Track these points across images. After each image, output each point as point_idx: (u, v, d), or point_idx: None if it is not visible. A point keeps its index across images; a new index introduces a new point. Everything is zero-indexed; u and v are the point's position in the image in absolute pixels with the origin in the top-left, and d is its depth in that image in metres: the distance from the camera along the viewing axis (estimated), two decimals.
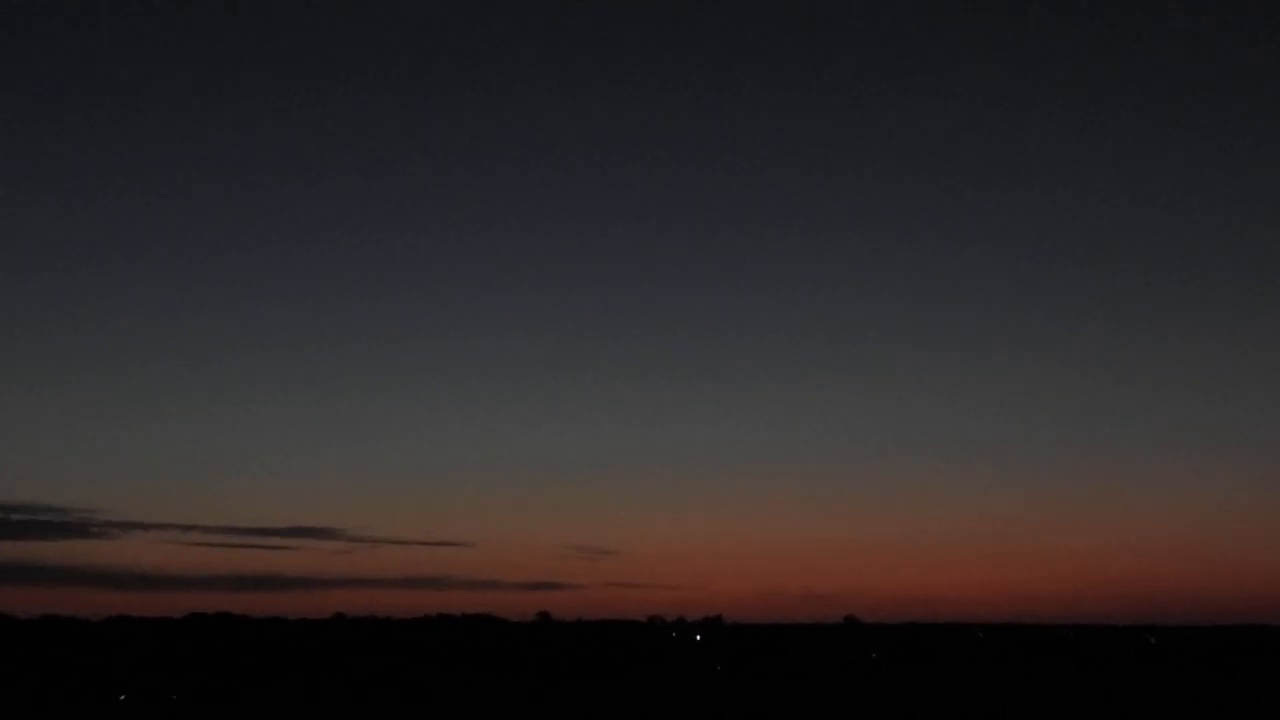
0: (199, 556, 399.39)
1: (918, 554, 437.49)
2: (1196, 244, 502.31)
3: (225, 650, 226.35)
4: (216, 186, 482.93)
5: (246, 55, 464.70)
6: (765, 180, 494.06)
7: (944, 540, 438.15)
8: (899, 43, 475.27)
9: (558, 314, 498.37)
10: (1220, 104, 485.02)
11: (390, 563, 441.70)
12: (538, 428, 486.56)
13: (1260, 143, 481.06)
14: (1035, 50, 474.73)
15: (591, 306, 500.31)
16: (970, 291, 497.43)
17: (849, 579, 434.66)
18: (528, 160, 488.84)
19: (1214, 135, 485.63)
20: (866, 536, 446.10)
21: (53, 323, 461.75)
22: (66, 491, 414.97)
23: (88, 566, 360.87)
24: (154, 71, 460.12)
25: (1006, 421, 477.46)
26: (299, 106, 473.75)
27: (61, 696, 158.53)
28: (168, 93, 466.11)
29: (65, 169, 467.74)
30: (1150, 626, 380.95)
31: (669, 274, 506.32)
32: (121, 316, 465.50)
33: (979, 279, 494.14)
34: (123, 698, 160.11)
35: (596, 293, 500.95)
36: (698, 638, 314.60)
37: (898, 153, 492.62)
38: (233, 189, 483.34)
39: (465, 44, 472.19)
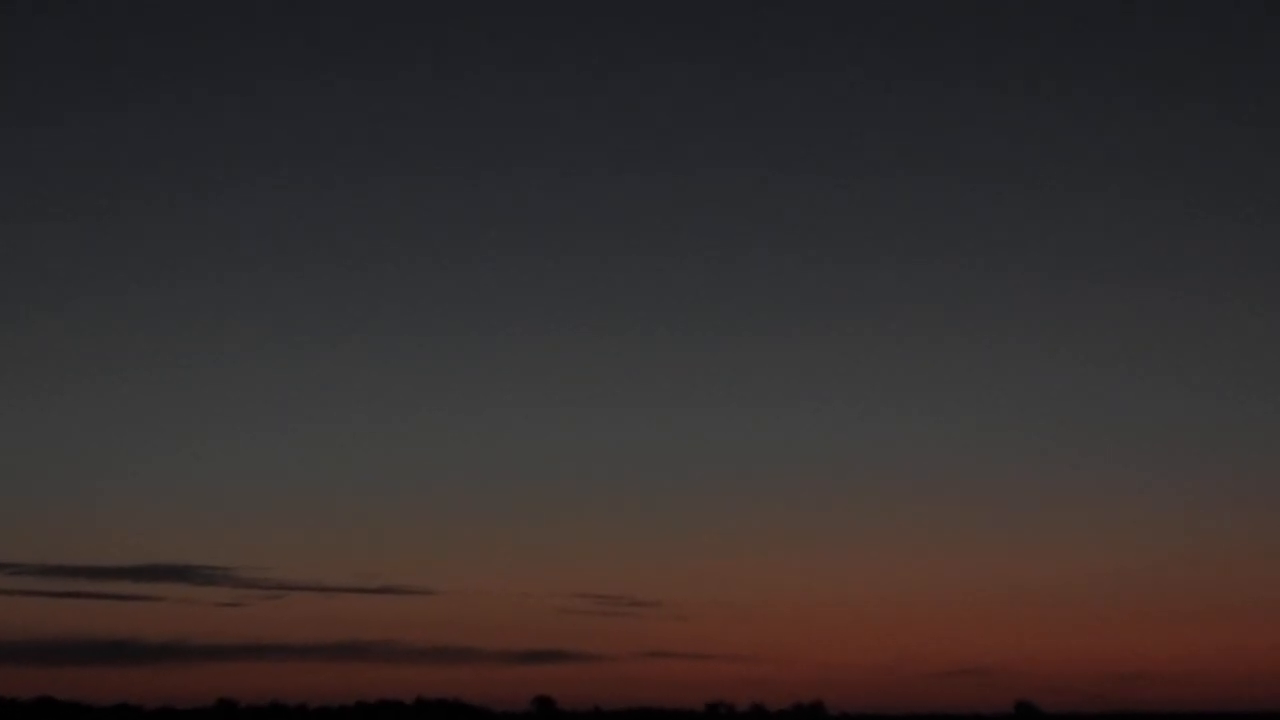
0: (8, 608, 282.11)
1: (1121, 606, 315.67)
2: None
3: None
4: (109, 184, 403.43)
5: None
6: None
7: (1157, 586, 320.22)
8: None
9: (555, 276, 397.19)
10: None
11: (304, 621, 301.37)
12: (531, 423, 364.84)
13: None
14: None
15: (600, 261, 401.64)
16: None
17: (1016, 645, 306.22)
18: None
19: None
20: (1040, 582, 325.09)
21: None
22: None
23: None
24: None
25: (1226, 421, 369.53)
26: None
27: None
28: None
29: None
30: None
31: (739, 228, 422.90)
32: None
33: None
34: None
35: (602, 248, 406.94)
36: None
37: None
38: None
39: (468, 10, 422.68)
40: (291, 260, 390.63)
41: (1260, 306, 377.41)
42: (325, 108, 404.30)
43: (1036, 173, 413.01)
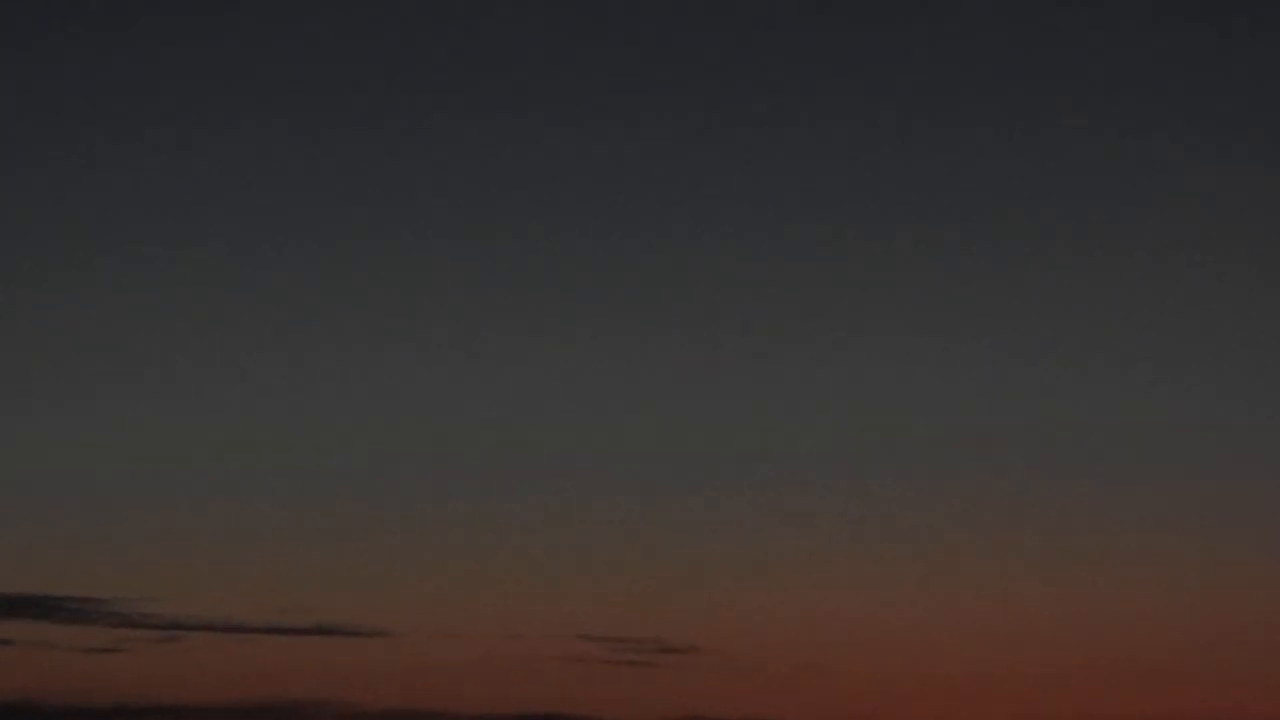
0: None
1: None
2: None
3: None
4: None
5: None
6: None
7: None
8: None
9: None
10: None
11: (208, 673, 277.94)
12: (520, 405, 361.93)
13: None
14: None
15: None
16: None
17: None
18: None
19: None
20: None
21: None
22: None
23: None
24: None
25: None
26: None
27: None
28: None
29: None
30: None
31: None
32: None
33: None
34: None
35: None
36: None
37: None
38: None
39: None
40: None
41: None
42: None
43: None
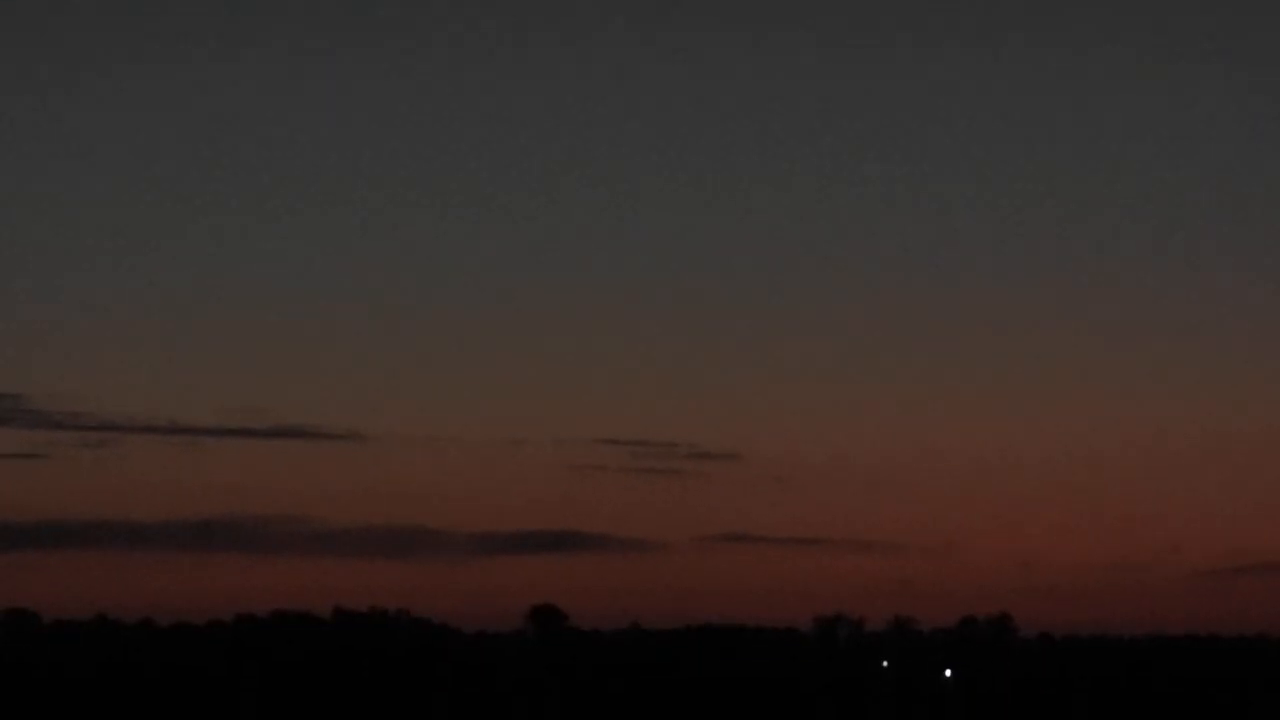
0: None
1: None
2: None
3: None
4: None
5: None
6: None
7: None
8: None
9: None
10: None
11: (149, 482, 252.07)
12: (532, 192, 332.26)
13: None
14: None
15: None
16: None
17: None
18: None
19: None
20: None
21: None
22: None
23: None
24: None
25: None
26: None
27: None
28: None
29: None
30: None
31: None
32: None
33: None
34: None
35: None
36: (946, 675, 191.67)
37: None
38: None
39: None
40: None
41: None
42: None
43: None
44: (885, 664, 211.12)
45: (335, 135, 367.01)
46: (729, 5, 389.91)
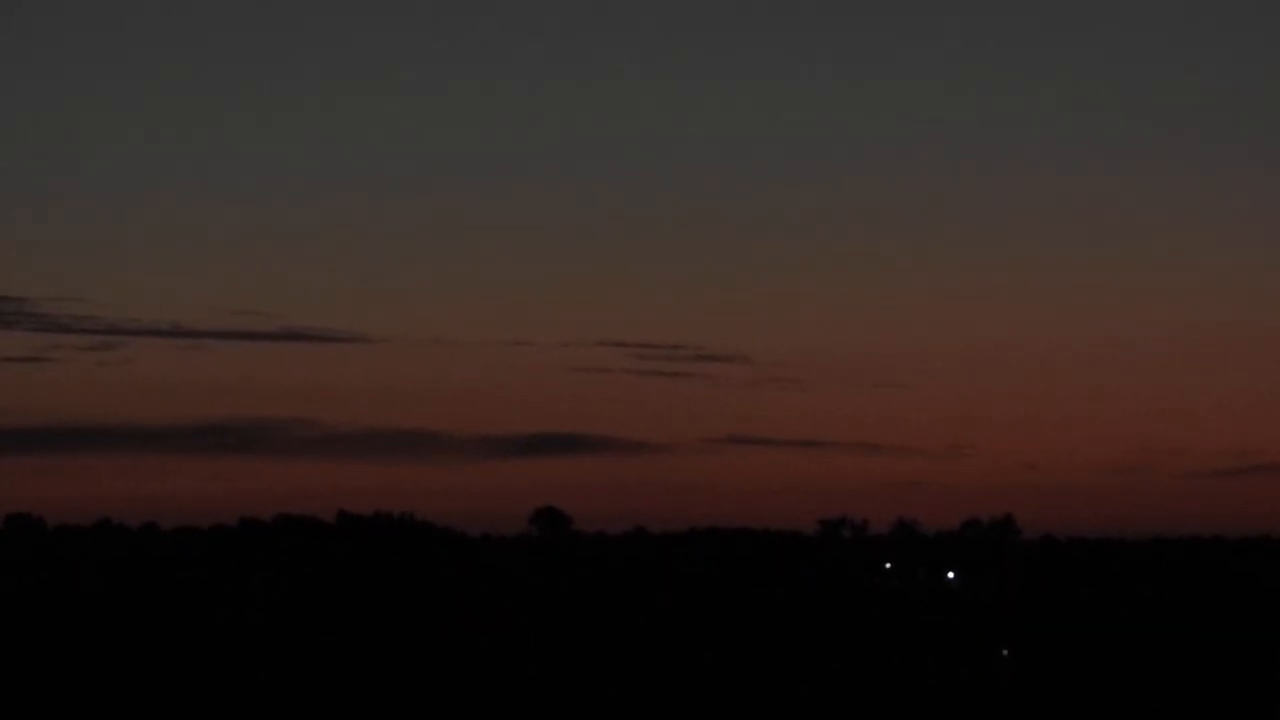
0: None
1: None
2: None
3: None
4: None
5: None
6: None
7: None
8: None
9: None
10: None
11: (154, 385, 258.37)
12: (532, 82, 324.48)
13: None
14: None
15: None
16: None
17: None
18: None
19: None
20: None
21: None
22: None
23: None
24: None
25: None
26: None
27: None
28: None
29: None
30: None
31: None
32: None
33: None
34: None
35: None
36: (949, 577, 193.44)
37: None
38: None
39: None
40: None
41: None
42: None
43: None
44: (888, 566, 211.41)
45: (336, 32, 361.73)
46: None
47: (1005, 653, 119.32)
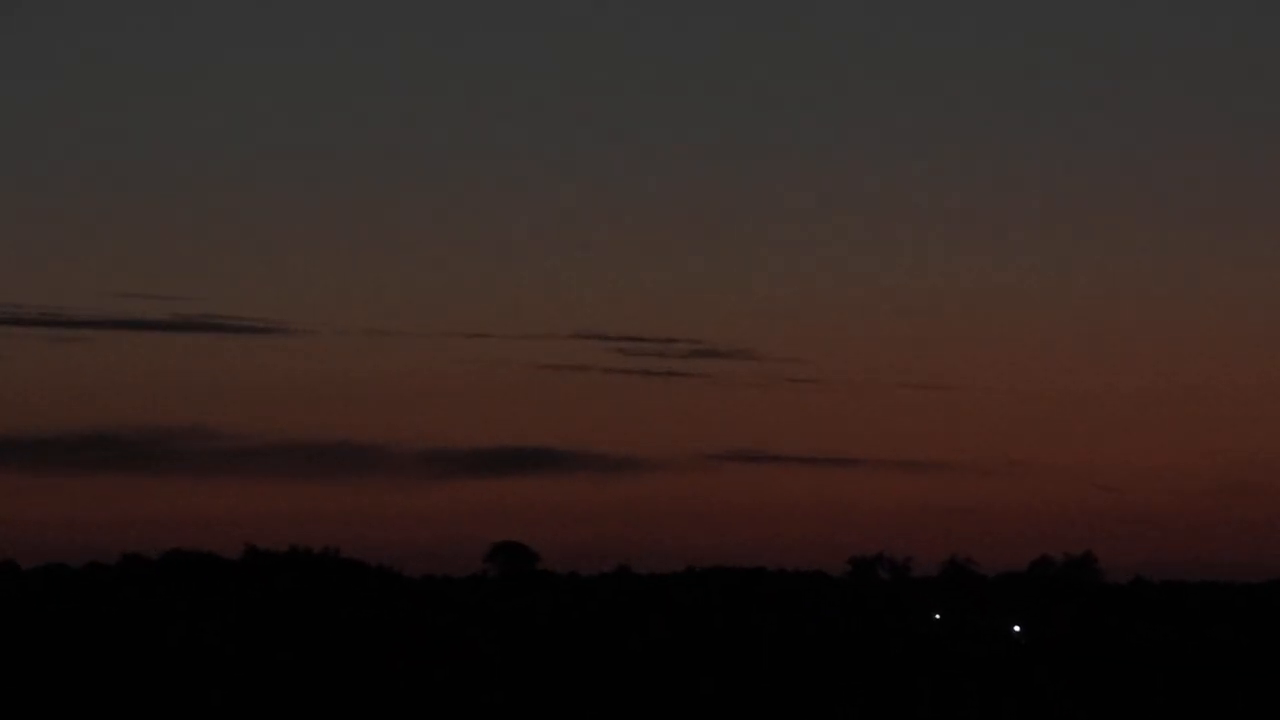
0: None
1: None
2: None
3: None
4: None
5: None
6: None
7: None
8: None
9: None
10: None
11: (36, 384, 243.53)
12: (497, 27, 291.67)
13: None
14: None
15: None
16: None
17: None
18: None
19: None
20: None
21: None
22: None
23: None
24: None
25: None
26: None
27: None
28: None
29: None
30: None
31: None
32: None
33: None
34: None
35: None
36: (1015, 631, 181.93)
37: None
38: None
39: None
40: None
41: None
42: None
43: None
44: (938, 617, 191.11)
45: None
46: None
47: None
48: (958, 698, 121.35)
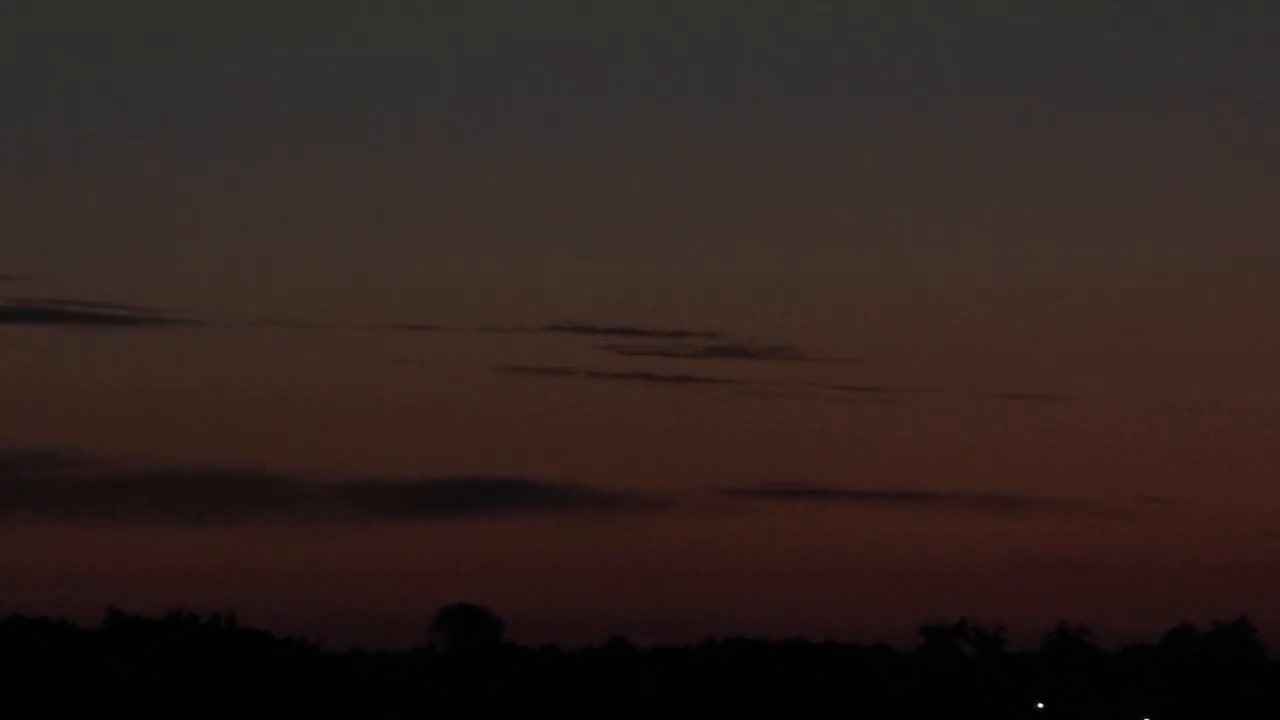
0: None
1: None
2: None
3: None
4: None
5: None
6: None
7: None
8: None
9: None
10: None
11: None
12: None
13: None
14: None
15: None
16: None
17: None
18: None
19: None
20: None
21: None
22: None
23: None
24: None
25: None
26: None
27: None
28: None
29: None
30: None
31: None
32: None
33: None
34: None
35: None
36: None
37: None
38: None
39: None
40: None
41: None
42: None
43: None
44: (1040, 706, 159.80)
45: None
46: None
47: None
48: None
